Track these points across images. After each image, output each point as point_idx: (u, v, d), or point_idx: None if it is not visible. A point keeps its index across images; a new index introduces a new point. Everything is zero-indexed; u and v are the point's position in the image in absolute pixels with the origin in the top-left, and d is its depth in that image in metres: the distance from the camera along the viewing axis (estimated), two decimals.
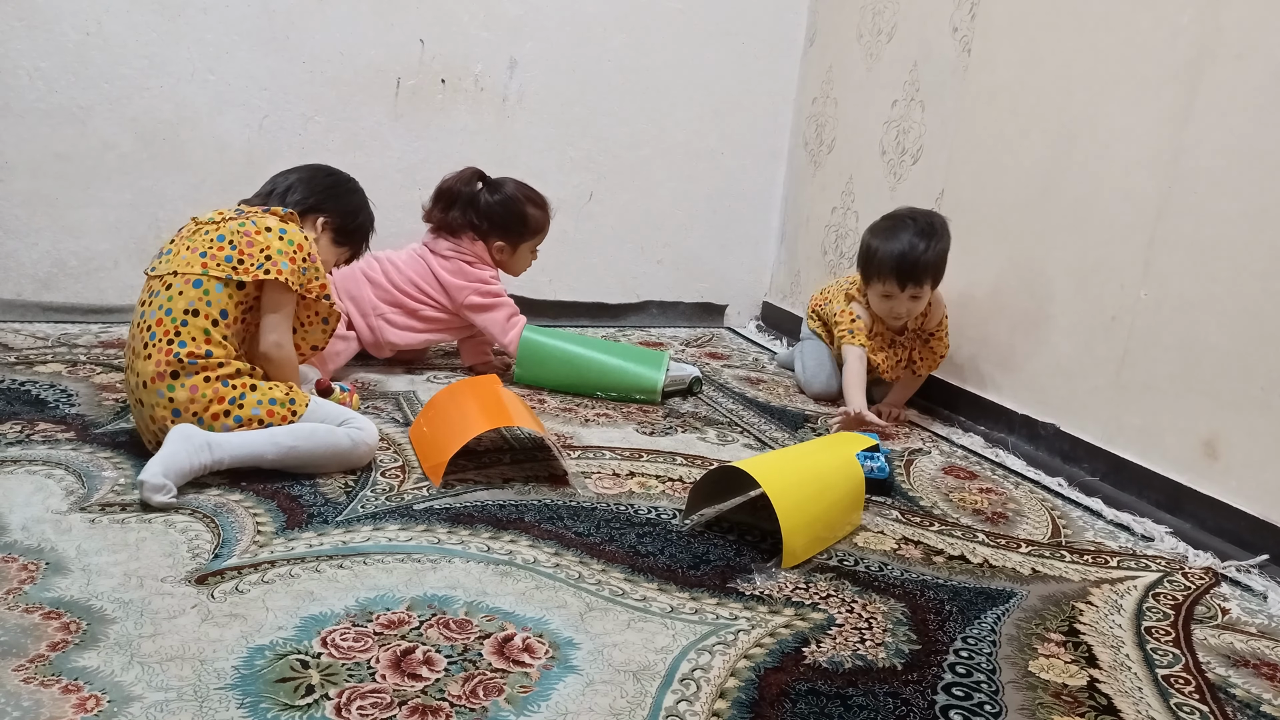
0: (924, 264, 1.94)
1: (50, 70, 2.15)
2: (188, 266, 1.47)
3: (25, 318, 2.23)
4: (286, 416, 1.48)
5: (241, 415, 1.45)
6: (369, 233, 1.78)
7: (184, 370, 1.43)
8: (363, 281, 2.10)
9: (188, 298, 1.46)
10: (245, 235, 1.50)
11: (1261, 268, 1.53)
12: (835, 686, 1.05)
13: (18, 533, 1.20)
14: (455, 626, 1.08)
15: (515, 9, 2.53)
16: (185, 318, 1.45)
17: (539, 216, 2.18)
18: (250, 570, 1.17)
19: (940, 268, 1.98)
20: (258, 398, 1.46)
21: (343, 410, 1.55)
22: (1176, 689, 1.11)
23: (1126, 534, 1.59)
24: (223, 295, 1.47)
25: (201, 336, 1.45)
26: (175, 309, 1.45)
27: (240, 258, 1.48)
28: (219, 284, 1.47)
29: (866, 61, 2.57)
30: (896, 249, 1.94)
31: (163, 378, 1.43)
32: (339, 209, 1.70)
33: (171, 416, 1.43)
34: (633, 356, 2.15)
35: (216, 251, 1.48)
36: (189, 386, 1.43)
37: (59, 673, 0.93)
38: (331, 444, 1.48)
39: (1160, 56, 1.71)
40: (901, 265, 1.94)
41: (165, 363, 1.43)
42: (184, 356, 1.43)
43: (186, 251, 1.50)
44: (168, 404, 1.43)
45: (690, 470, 1.68)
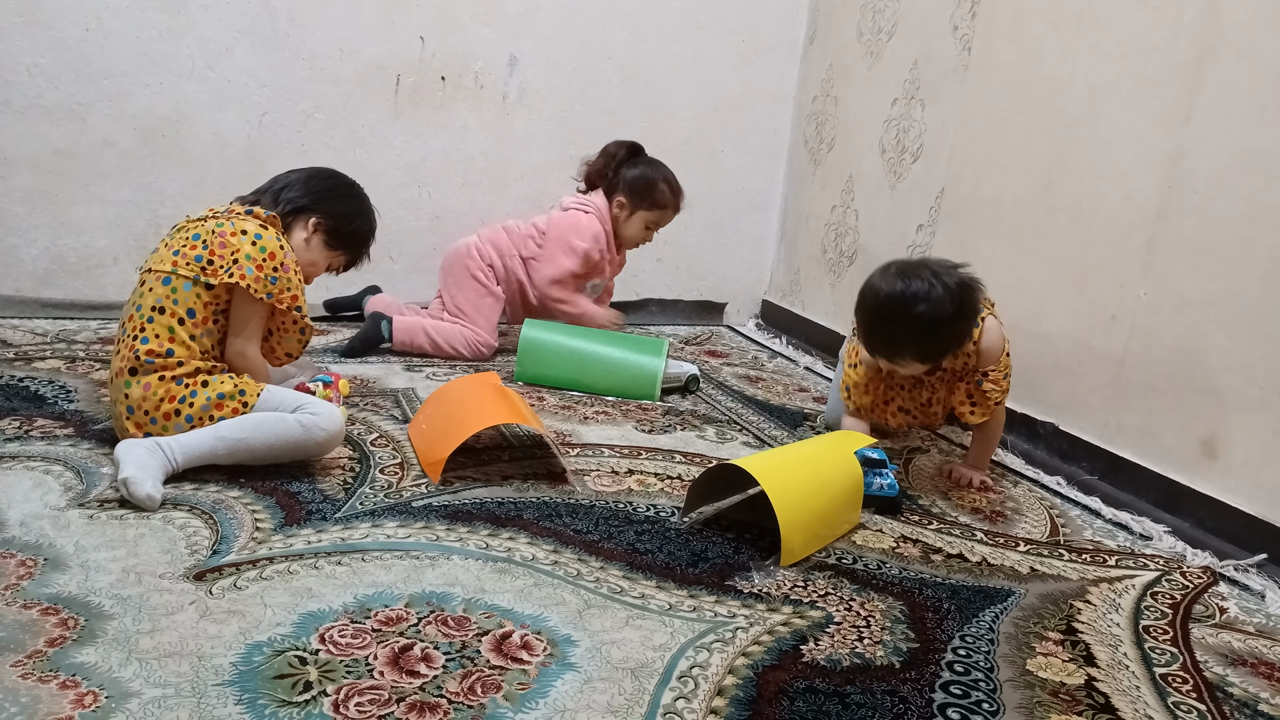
0: (929, 354, 1.57)
1: (50, 67, 2.15)
2: (160, 263, 1.48)
3: (24, 314, 2.23)
4: (237, 409, 1.45)
5: (192, 414, 1.43)
6: (367, 239, 1.71)
7: (141, 369, 1.43)
8: (500, 230, 2.32)
9: (156, 294, 1.45)
10: (219, 236, 1.49)
11: (1261, 268, 1.53)
12: (833, 684, 1.05)
13: (16, 528, 1.20)
14: (453, 623, 1.08)
15: (515, 7, 2.53)
16: (152, 314, 1.45)
17: (665, 194, 2.31)
18: (248, 567, 1.17)
19: (953, 346, 1.58)
20: (207, 394, 1.45)
21: (298, 396, 1.51)
22: (1174, 688, 1.11)
23: (1125, 533, 1.59)
24: (190, 294, 1.46)
25: (165, 334, 1.44)
26: (145, 305, 1.46)
27: (210, 258, 1.47)
28: (187, 283, 1.46)
29: (867, 60, 2.56)
30: (887, 329, 1.56)
31: (122, 374, 1.44)
32: (332, 211, 1.64)
33: (126, 414, 1.43)
34: (632, 345, 2.15)
35: (188, 250, 1.48)
36: (143, 384, 1.43)
37: (57, 669, 0.93)
38: (282, 432, 1.44)
39: (1161, 56, 1.71)
40: (899, 357, 1.58)
41: (127, 358, 1.44)
42: (143, 354, 1.43)
43: (164, 248, 1.51)
44: (124, 400, 1.44)
45: (689, 468, 1.68)
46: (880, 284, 1.56)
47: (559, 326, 2.20)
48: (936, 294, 1.51)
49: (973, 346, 1.61)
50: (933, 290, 1.51)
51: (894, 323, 1.54)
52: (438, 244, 2.60)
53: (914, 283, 1.52)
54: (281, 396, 1.50)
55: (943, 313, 1.51)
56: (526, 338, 2.12)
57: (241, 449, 1.43)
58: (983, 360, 1.63)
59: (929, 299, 1.50)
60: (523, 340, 2.12)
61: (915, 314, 1.50)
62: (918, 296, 1.51)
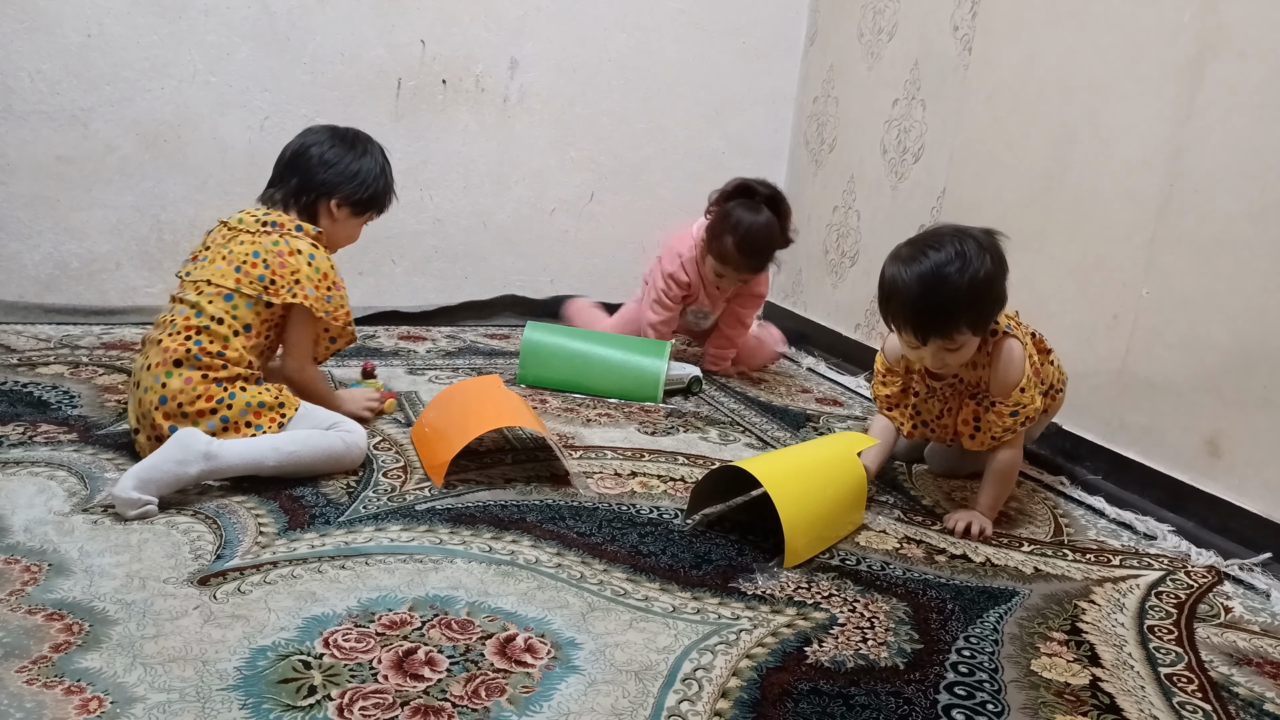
0: (947, 308, 1.40)
1: (52, 72, 2.15)
2: (222, 278, 1.51)
3: (27, 319, 2.24)
4: (276, 418, 1.48)
5: (228, 416, 1.44)
6: (388, 189, 1.73)
7: (187, 362, 1.44)
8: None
9: (218, 307, 1.49)
10: (279, 256, 1.54)
11: (1264, 265, 1.52)
12: (837, 686, 1.05)
13: (20, 534, 1.21)
14: (457, 627, 1.08)
15: (516, 9, 2.53)
16: (211, 324, 1.47)
17: (730, 252, 2.14)
18: (252, 571, 1.17)
19: (977, 310, 1.42)
20: (246, 399, 1.46)
21: (330, 415, 1.54)
22: (1179, 688, 1.10)
23: (1129, 532, 1.59)
24: (250, 312, 1.51)
25: (220, 343, 1.47)
26: (205, 312, 1.48)
27: (273, 278, 1.52)
28: (249, 300, 1.50)
29: (867, 60, 2.56)
30: (914, 290, 1.41)
31: (165, 364, 1.44)
32: (345, 187, 1.66)
33: (159, 403, 1.42)
34: (634, 347, 2.15)
35: (250, 269, 1.52)
36: (184, 378, 1.43)
37: (62, 674, 0.93)
38: (326, 447, 1.48)
39: (1162, 54, 1.71)
40: (918, 314, 1.42)
41: (175, 350, 1.44)
42: (196, 352, 1.45)
43: (222, 262, 1.52)
44: (159, 389, 1.43)
45: (692, 470, 1.68)
46: (904, 270, 1.42)
47: (561, 329, 2.20)
48: (971, 250, 1.40)
49: (986, 356, 1.51)
50: (965, 248, 1.40)
51: (938, 296, 1.40)
52: (439, 246, 2.60)
53: (942, 250, 1.41)
54: (316, 415, 1.53)
55: (985, 268, 1.40)
56: (528, 340, 2.12)
57: (290, 461, 1.44)
58: (994, 387, 1.51)
59: (965, 258, 1.39)
60: (525, 343, 2.12)
61: (959, 280, 1.39)
62: (953, 260, 1.39)
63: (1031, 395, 1.50)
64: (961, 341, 1.45)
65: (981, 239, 1.43)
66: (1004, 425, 1.51)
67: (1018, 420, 1.51)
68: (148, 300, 2.34)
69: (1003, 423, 1.51)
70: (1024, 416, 1.51)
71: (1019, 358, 1.50)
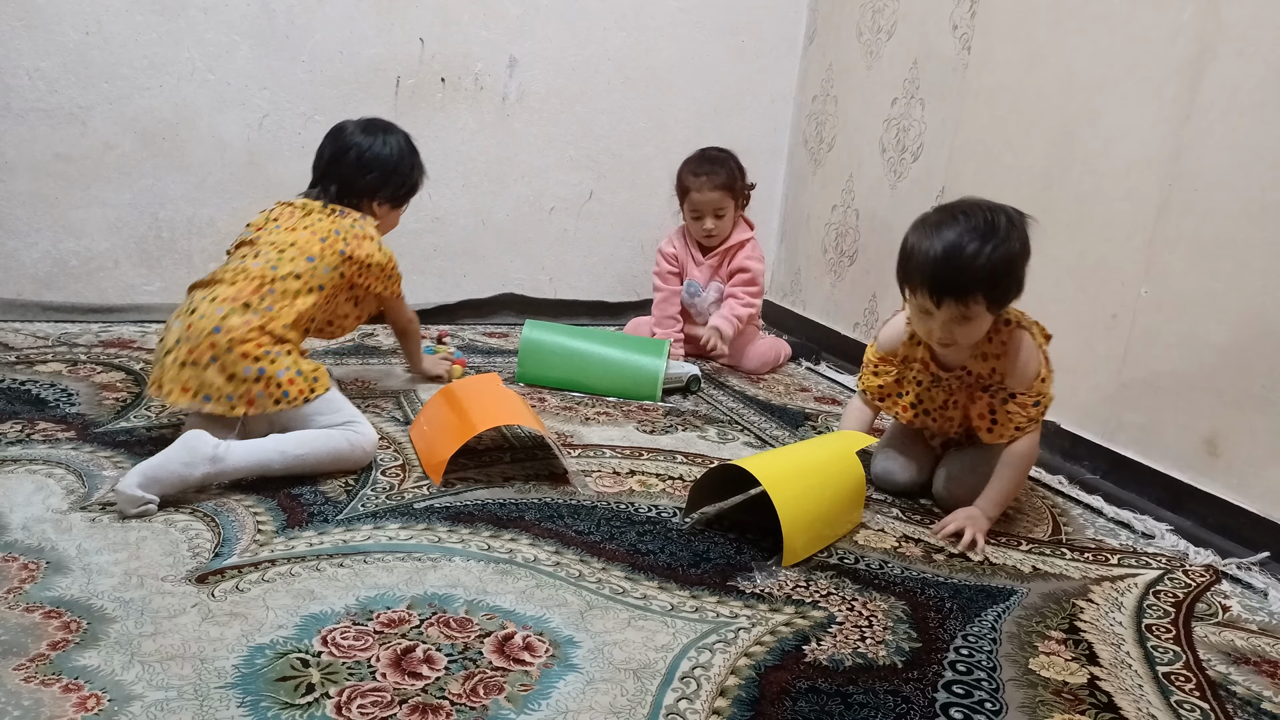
0: (969, 271, 1.38)
1: (50, 70, 2.15)
2: (306, 244, 1.62)
3: (25, 317, 2.23)
4: (304, 389, 1.50)
5: (266, 369, 1.47)
6: (419, 178, 1.86)
7: (255, 308, 1.51)
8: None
9: (298, 266, 1.59)
10: (356, 238, 1.67)
11: (1262, 265, 1.52)
12: (836, 684, 1.05)
13: (18, 532, 1.20)
14: (455, 625, 1.08)
15: (515, 8, 2.53)
16: (288, 280, 1.56)
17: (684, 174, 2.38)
18: (250, 569, 1.17)
19: (998, 280, 1.40)
20: (288, 363, 1.50)
21: (350, 409, 1.55)
22: (1177, 686, 1.11)
23: (1127, 531, 1.59)
24: (326, 276, 1.62)
25: (289, 301, 1.55)
26: (282, 269, 1.57)
27: (351, 254, 1.65)
28: (328, 267, 1.62)
29: (867, 59, 2.56)
30: (936, 248, 1.40)
31: (234, 303, 1.50)
32: (384, 186, 1.78)
33: (212, 330, 1.46)
34: (633, 346, 2.15)
35: (335, 242, 1.64)
36: (245, 320, 1.48)
37: (59, 672, 0.93)
38: (332, 449, 1.49)
39: (1161, 54, 1.71)
40: (938, 271, 1.40)
41: (247, 295, 1.51)
42: (268, 302, 1.52)
43: (304, 230, 1.64)
44: (218, 319, 1.47)
45: (690, 469, 1.68)
46: (930, 230, 1.41)
47: (560, 328, 2.20)
48: (1002, 223, 1.39)
49: (1000, 346, 1.49)
50: (996, 220, 1.39)
51: (961, 257, 1.38)
52: (438, 245, 2.60)
53: (973, 217, 1.40)
54: (337, 404, 1.55)
55: (1012, 244, 1.39)
56: (527, 339, 2.12)
57: (296, 464, 1.45)
58: (1012, 379, 1.49)
59: (995, 228, 1.39)
60: (523, 341, 2.12)
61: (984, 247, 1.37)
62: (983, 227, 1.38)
63: (1049, 384, 1.51)
64: (975, 313, 1.42)
65: (1014, 216, 1.42)
66: (1028, 415, 1.49)
67: (1040, 410, 1.50)
68: (146, 298, 2.34)
69: (1026, 413, 1.49)
70: (1045, 406, 1.50)
71: (1034, 348, 1.49)
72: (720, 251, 2.40)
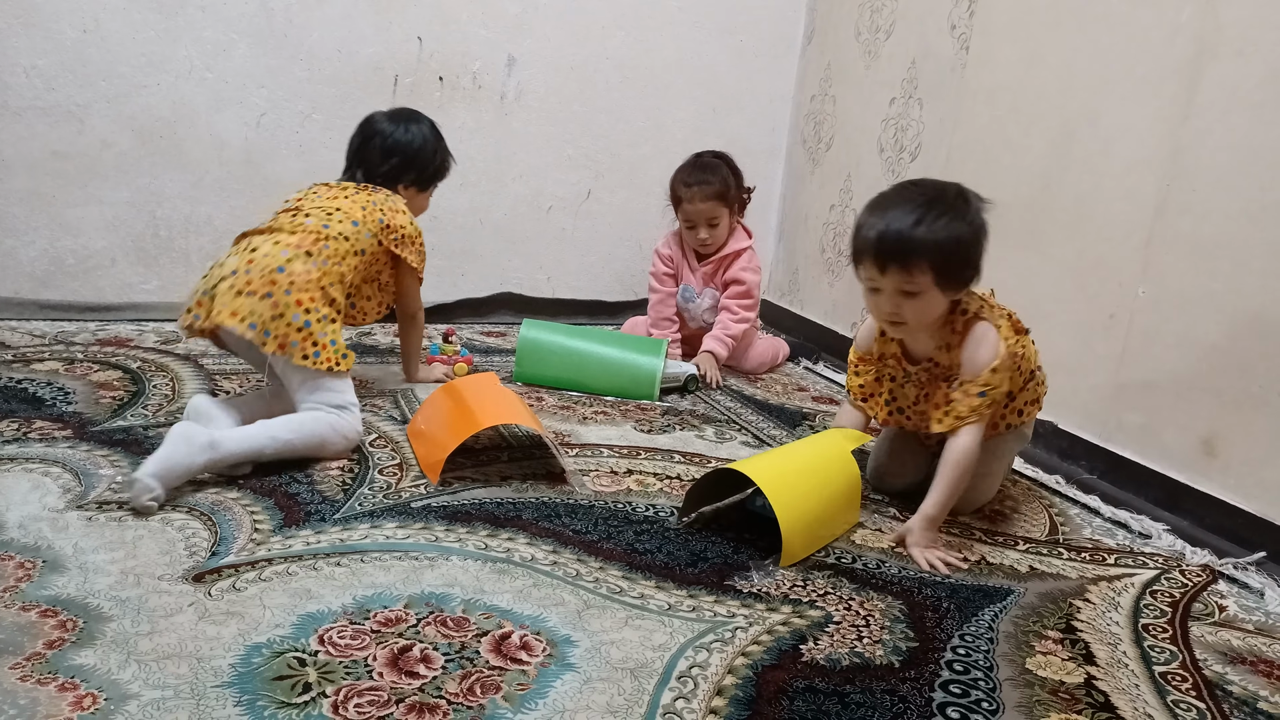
0: (912, 238, 1.36)
1: (48, 68, 2.14)
2: (349, 211, 1.71)
3: (22, 315, 2.23)
4: (331, 359, 1.56)
5: (312, 325, 1.55)
6: (445, 162, 1.98)
7: (315, 257, 1.59)
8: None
9: (345, 228, 1.67)
10: (392, 210, 1.79)
11: (1260, 265, 1.53)
12: (833, 684, 1.05)
13: (14, 531, 1.20)
14: (453, 624, 1.08)
15: (513, 7, 2.53)
16: (338, 240, 1.65)
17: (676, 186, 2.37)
18: (247, 568, 1.17)
19: (943, 252, 1.38)
20: (331, 330, 1.58)
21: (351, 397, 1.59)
22: (1173, 686, 1.11)
23: (1124, 531, 1.59)
24: (367, 242, 1.71)
25: (339, 259, 1.64)
26: (333, 229, 1.65)
27: (388, 225, 1.76)
28: (369, 233, 1.72)
29: (865, 59, 2.56)
30: (881, 219, 1.39)
31: (299, 248, 1.58)
32: (411, 172, 1.90)
33: (275, 270, 1.54)
34: (631, 345, 2.15)
35: (374, 211, 1.75)
36: (306, 270, 1.57)
37: (55, 671, 0.93)
38: (319, 435, 1.52)
39: (1159, 54, 1.71)
40: (882, 240, 1.38)
41: (309, 242, 1.60)
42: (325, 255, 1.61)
43: (345, 201, 1.74)
44: (284, 261, 1.55)
45: (688, 468, 1.68)
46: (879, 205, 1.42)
47: (558, 327, 2.20)
48: (951, 196, 1.40)
49: (958, 336, 1.46)
50: (945, 193, 1.40)
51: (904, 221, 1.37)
52: (435, 244, 2.59)
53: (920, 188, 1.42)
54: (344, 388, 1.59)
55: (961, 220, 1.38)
56: (525, 338, 2.12)
57: (286, 449, 1.48)
58: (965, 367, 1.44)
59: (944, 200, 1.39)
60: (521, 340, 2.12)
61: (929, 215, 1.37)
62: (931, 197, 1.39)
63: (1002, 377, 1.43)
64: (922, 286, 1.39)
65: (968, 195, 1.42)
66: (970, 405, 1.42)
67: (985, 402, 1.42)
68: (143, 296, 2.34)
69: (969, 402, 1.43)
70: (991, 399, 1.43)
71: (992, 339, 1.44)
72: (716, 259, 2.38)
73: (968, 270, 1.42)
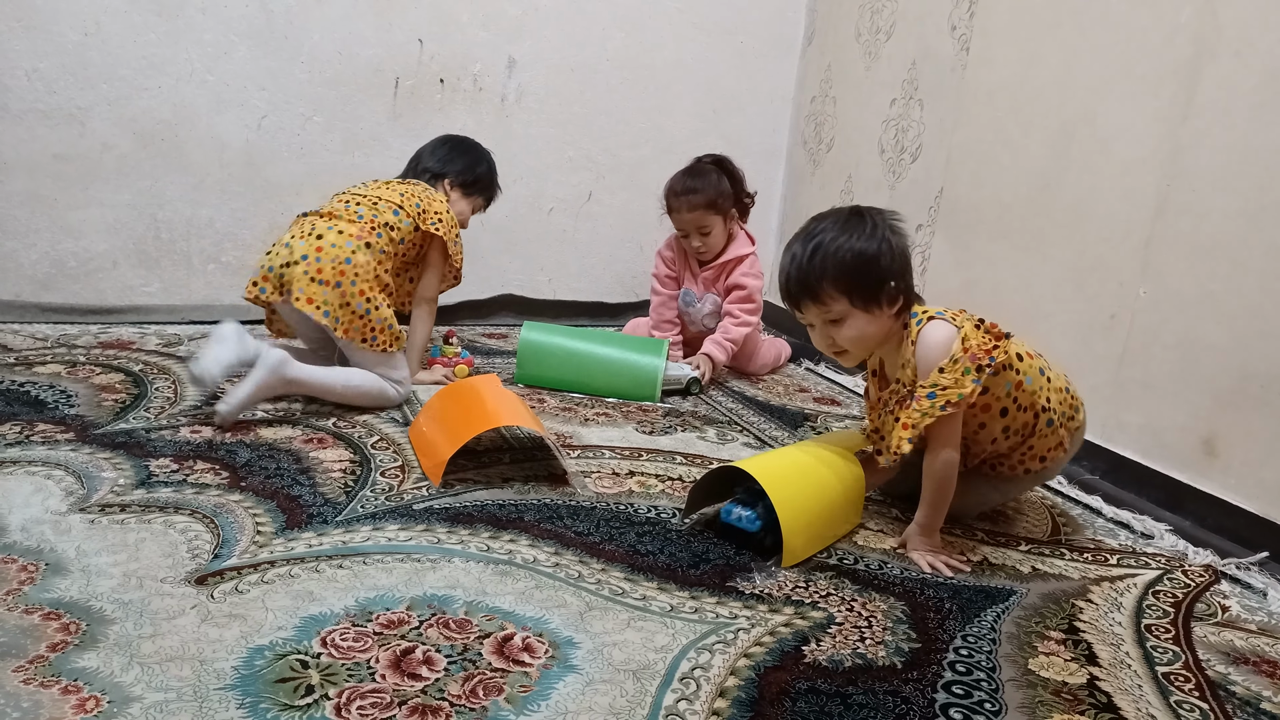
0: (812, 269, 1.38)
1: (49, 71, 2.15)
2: (390, 199, 1.90)
3: (24, 318, 2.23)
4: (386, 341, 1.81)
5: (372, 313, 1.78)
6: (493, 178, 2.17)
7: (373, 247, 1.80)
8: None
9: (386, 218, 1.86)
10: (428, 198, 1.96)
11: (1260, 265, 1.53)
12: (835, 685, 1.05)
13: (17, 534, 1.20)
14: (455, 626, 1.08)
15: (514, 9, 2.53)
16: (385, 229, 1.85)
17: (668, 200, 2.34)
18: (250, 570, 1.17)
19: (848, 272, 1.37)
20: (387, 314, 1.82)
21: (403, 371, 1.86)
22: (1176, 686, 1.11)
23: (1126, 532, 1.59)
24: (406, 229, 1.89)
25: (390, 246, 1.85)
26: (381, 218, 1.85)
27: (424, 210, 1.93)
28: (408, 219, 1.89)
29: (865, 60, 2.57)
30: (785, 260, 1.43)
31: (359, 238, 1.78)
32: (459, 169, 2.09)
33: (344, 261, 1.75)
34: (632, 346, 2.15)
35: (410, 199, 1.92)
36: (368, 261, 1.78)
37: (58, 674, 0.93)
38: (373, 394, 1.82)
39: (1159, 54, 1.71)
40: (788, 280, 1.42)
41: (366, 232, 1.81)
42: (381, 244, 1.82)
43: (386, 190, 1.92)
44: (349, 252, 1.76)
45: (690, 469, 1.68)
46: (788, 248, 1.44)
47: (559, 329, 2.20)
48: (847, 219, 1.41)
49: (910, 353, 1.41)
50: (842, 217, 1.42)
51: (803, 257, 1.40)
52: None
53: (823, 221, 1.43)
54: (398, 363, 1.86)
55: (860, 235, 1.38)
56: (526, 340, 2.12)
57: (351, 392, 1.80)
58: (920, 373, 1.39)
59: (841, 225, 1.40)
60: (522, 342, 2.12)
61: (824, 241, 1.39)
62: (828, 227, 1.41)
63: (954, 377, 1.34)
64: (841, 312, 1.39)
65: (867, 212, 1.41)
66: (921, 409, 1.34)
67: (935, 404, 1.33)
68: (144, 299, 2.34)
69: (920, 406, 1.34)
70: (943, 400, 1.33)
71: (936, 339, 1.37)
72: (718, 265, 2.37)
73: (883, 283, 1.38)
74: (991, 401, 1.41)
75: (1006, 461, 1.50)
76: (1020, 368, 1.43)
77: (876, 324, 1.40)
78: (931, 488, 1.41)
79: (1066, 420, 1.49)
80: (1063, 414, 1.48)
